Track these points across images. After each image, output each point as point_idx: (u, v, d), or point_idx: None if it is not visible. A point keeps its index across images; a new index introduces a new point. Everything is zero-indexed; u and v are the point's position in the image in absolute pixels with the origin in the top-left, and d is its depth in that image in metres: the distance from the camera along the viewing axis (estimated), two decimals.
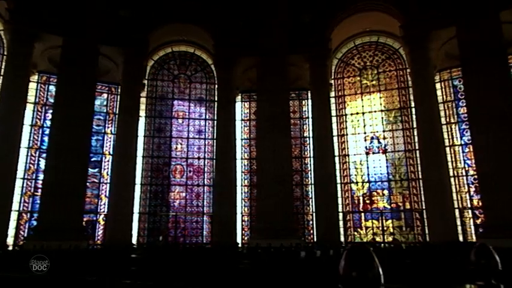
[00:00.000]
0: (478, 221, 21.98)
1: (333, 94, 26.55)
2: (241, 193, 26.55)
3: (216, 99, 26.54)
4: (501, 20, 19.22)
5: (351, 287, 0.86)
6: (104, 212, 24.16)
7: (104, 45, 22.59)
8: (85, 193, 21.51)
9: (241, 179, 26.86)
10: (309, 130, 26.72)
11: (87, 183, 22.46)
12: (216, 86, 26.70)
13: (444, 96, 24.62)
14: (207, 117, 27.33)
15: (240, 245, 23.01)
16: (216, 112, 26.05)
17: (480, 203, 20.81)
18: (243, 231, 25.76)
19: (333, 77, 27.05)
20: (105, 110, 26.03)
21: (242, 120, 27.97)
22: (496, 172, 17.75)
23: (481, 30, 18.85)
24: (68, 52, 21.00)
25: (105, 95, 26.24)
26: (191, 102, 27.60)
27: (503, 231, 15.79)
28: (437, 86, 24.25)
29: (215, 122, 26.00)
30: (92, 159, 24.23)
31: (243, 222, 26.11)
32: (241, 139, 27.55)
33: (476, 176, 21.14)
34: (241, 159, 27.20)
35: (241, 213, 26.07)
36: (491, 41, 18.69)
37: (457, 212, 22.53)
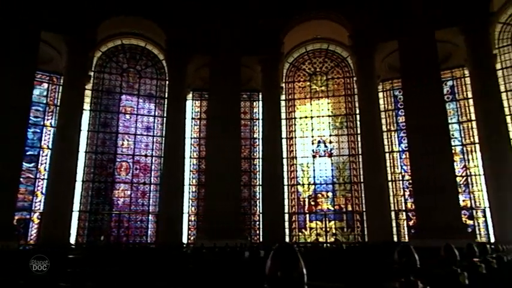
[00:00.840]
0: (411, 223, 23.60)
1: (283, 97, 27.13)
2: (189, 192, 26.21)
3: (166, 96, 25.97)
4: (436, 38, 20.91)
5: (276, 287, 0.91)
6: (39, 209, 22.58)
7: (46, 31, 21.13)
8: (17, 189, 19.93)
9: (190, 178, 26.52)
10: (258, 131, 27.05)
11: (21, 179, 20.85)
12: (167, 82, 26.14)
13: (386, 105, 26.19)
14: (157, 114, 26.62)
15: (185, 245, 22.69)
16: (166, 109, 25.49)
17: (413, 206, 22.44)
18: (190, 231, 25.45)
19: (284, 81, 27.65)
20: (44, 101, 24.35)
21: (193, 118, 27.63)
22: (427, 178, 19.28)
23: (419, 46, 20.41)
24: (4, 35, 19.38)
25: (45, 85, 24.54)
26: (140, 97, 26.72)
27: (432, 232, 17.10)
28: (380, 95, 25.71)
29: (165, 119, 25.43)
30: (28, 153, 22.56)
31: (190, 222, 25.80)
32: (191, 138, 27.21)
33: (410, 181, 22.74)
34: (190, 158, 26.87)
35: (188, 212, 25.74)
36: (427, 57, 20.28)
37: (393, 214, 24.08)
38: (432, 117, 19.63)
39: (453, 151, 21.88)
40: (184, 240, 24.04)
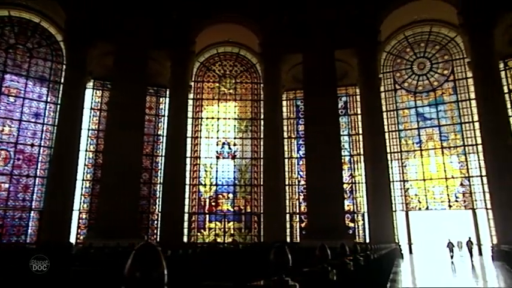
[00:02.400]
0: (303, 225, 25.42)
1: (191, 96, 26.89)
2: (82, 188, 24.24)
3: (62, 81, 23.62)
4: (336, 57, 23.05)
5: None
6: None
7: None
8: None
9: (84, 173, 24.54)
10: (163, 128, 26.33)
11: None
12: (64, 66, 23.80)
13: (288, 113, 27.83)
14: (49, 99, 24.00)
15: (70, 245, 20.83)
16: (60, 95, 23.18)
17: (306, 209, 24.25)
18: (80, 230, 23.50)
19: (193, 80, 27.43)
20: None
21: (92, 109, 25.64)
22: (319, 183, 21.05)
23: (320, 62, 22.27)
24: None
25: None
26: (29, 79, 23.79)
27: (320, 233, 18.65)
28: (284, 103, 27.24)
29: (58, 106, 23.10)
30: None
31: (81, 220, 23.84)
32: (88, 129, 25.22)
33: (305, 186, 24.54)
34: (86, 151, 24.88)
35: (79, 210, 23.77)
36: (326, 73, 22.23)
37: (288, 216, 25.65)
38: (327, 128, 21.55)
39: (342, 160, 24.28)
40: (73, 239, 22.11)
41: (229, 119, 27.64)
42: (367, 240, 22.76)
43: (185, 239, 24.11)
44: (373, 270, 8.88)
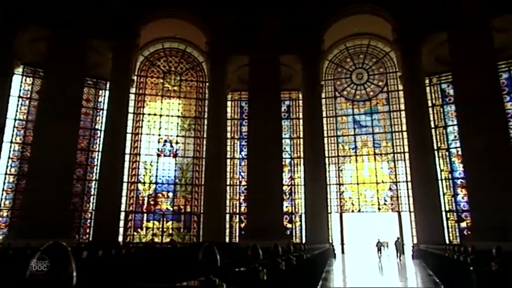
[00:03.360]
0: (243, 225, 25.64)
1: (133, 90, 25.89)
2: (4, 183, 22.24)
3: None
4: (281, 62, 23.64)
5: None
6: None
7: None
8: None
9: (8, 167, 22.54)
10: (101, 122, 25.04)
11: None
12: None
13: (232, 114, 27.93)
14: None
15: None
16: None
17: (246, 210, 24.50)
18: None
19: (136, 74, 26.43)
20: None
21: (20, 97, 23.66)
22: (259, 184, 21.44)
23: (265, 65, 22.75)
24: None
25: None
26: None
27: (258, 234, 18.95)
28: (229, 103, 27.30)
29: None
30: None
31: (1, 218, 21.86)
32: (15, 119, 23.23)
33: (246, 187, 24.78)
34: (11, 142, 22.87)
35: (0, 206, 21.78)
36: (271, 76, 22.77)
37: (228, 216, 25.72)
38: (270, 131, 22.01)
39: (283, 162, 24.93)
40: None
41: (172, 116, 27.04)
42: (304, 241, 23.56)
43: (120, 239, 23.11)
44: (306, 270, 9.26)
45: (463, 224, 22.21)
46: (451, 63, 20.86)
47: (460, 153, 21.90)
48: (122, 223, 23.70)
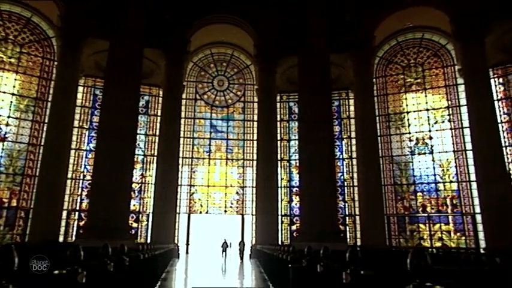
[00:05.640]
0: (82, 223, 23.36)
1: None
2: None
3: None
4: (145, 55, 22.75)
5: None
6: None
7: None
8: None
9: None
10: None
11: None
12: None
13: (84, 101, 25.38)
14: None
15: None
16: None
17: (87, 206, 22.41)
18: None
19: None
20: None
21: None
22: (107, 181, 19.93)
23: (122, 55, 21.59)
24: None
25: None
26: None
27: (99, 232, 17.49)
28: (81, 89, 24.73)
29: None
30: None
31: None
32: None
33: (90, 181, 22.71)
34: None
35: None
36: (129, 67, 21.64)
37: (65, 213, 23.10)
38: (124, 123, 20.67)
39: (136, 159, 23.88)
40: None
41: (4, 93, 22.87)
42: (149, 241, 22.99)
43: None
44: (143, 270, 9.07)
45: (294, 227, 25.31)
46: (299, 84, 23.70)
47: (297, 164, 25.00)
48: None
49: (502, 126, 22.48)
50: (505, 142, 22.14)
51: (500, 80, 23.54)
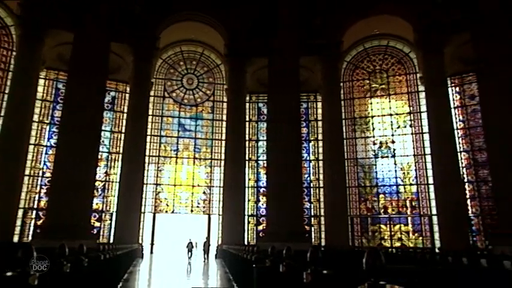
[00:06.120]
0: (40, 222, 22.36)
1: None
2: None
3: None
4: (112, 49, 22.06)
5: None
6: None
7: None
8: None
9: None
10: None
11: None
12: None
13: (44, 95, 24.29)
14: None
15: None
16: None
17: (46, 205, 21.45)
18: None
19: None
20: None
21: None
22: (67, 178, 19.13)
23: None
24: None
25: None
26: None
27: (60, 233, 16.77)
28: (42, 82, 23.68)
29: None
30: None
31: None
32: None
33: (50, 179, 21.75)
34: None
35: None
36: (95, 59, 20.90)
37: (21, 211, 22.03)
38: (88, 118, 19.93)
39: (100, 156, 23.14)
40: None
41: None
42: (112, 240, 22.35)
43: None
44: (104, 271, 8.80)
45: (260, 227, 25.44)
46: (268, 86, 23.86)
47: (265, 165, 25.14)
48: None
49: (458, 133, 23.77)
50: (459, 148, 23.40)
51: (457, 89, 24.89)
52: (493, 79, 18.82)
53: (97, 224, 23.82)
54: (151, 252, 24.81)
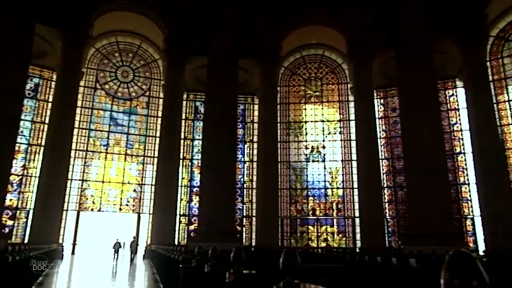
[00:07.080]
0: None
1: None
2: None
3: None
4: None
5: None
6: None
7: None
8: None
9: None
10: None
11: None
12: None
13: None
14: None
15: None
16: None
17: None
18: None
19: None
20: None
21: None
22: None
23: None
24: None
25: None
26: None
27: None
28: None
29: None
30: None
31: None
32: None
33: None
34: None
35: None
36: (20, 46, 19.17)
37: None
38: (6, 105, 18.19)
39: (17, 148, 21.20)
40: None
41: None
42: (27, 240, 20.53)
43: None
44: (14, 274, 8.08)
45: (192, 227, 25.16)
46: (206, 85, 23.74)
47: (199, 164, 24.94)
48: None
49: (381, 142, 25.81)
50: (381, 155, 25.41)
51: (382, 101, 27.03)
52: (410, 95, 20.89)
53: (9, 223, 21.76)
54: (73, 253, 23.26)
